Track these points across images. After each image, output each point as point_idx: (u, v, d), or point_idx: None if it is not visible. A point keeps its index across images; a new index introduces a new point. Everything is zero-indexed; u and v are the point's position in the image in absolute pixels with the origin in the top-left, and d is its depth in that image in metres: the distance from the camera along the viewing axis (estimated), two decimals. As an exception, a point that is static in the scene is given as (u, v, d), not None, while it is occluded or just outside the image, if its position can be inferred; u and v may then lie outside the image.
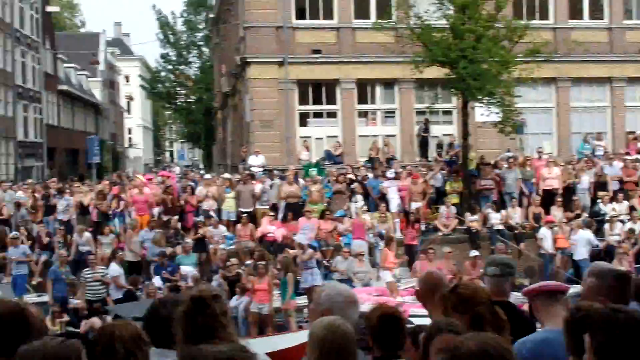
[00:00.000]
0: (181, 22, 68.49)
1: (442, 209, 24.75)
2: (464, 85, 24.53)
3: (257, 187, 24.73)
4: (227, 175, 28.82)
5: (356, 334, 4.05)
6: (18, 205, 24.52)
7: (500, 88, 24.59)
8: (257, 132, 31.58)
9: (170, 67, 70.06)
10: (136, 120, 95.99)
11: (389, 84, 32.58)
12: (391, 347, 4.58)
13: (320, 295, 4.70)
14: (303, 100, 32.35)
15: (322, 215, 23.03)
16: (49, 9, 57.94)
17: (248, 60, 31.79)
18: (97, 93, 71.30)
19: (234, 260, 20.21)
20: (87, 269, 19.63)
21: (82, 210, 24.49)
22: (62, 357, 2.96)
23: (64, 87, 58.57)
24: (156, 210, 24.52)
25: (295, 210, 23.78)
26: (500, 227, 23.92)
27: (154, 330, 4.24)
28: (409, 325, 4.95)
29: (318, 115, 32.87)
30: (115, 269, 20.04)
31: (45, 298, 18.94)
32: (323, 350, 3.83)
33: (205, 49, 69.09)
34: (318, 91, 32.54)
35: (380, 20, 26.87)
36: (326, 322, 3.99)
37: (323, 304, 4.56)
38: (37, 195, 25.63)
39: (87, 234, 22.55)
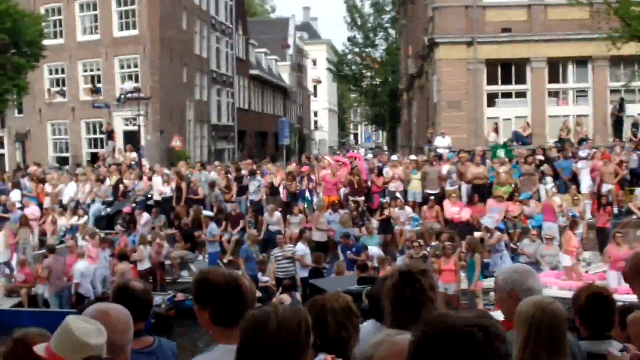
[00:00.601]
0: (368, 5, 68.95)
1: (638, 191, 23.60)
2: (665, 62, 23.29)
3: (444, 169, 24.49)
4: (413, 156, 28.77)
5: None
6: (212, 185, 25.53)
7: None
8: (444, 113, 31.36)
9: (356, 50, 70.65)
10: (322, 103, 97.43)
11: (581, 62, 31.43)
12: (600, 327, 4.41)
13: (498, 282, 4.62)
14: (491, 80, 31.80)
15: (510, 197, 22.56)
16: (242, -5, 59.82)
17: (436, 40, 31.59)
18: (286, 77, 72.89)
19: (420, 242, 20.17)
20: (276, 248, 20.17)
21: (273, 190, 25.14)
22: (293, 321, 3.02)
23: (255, 72, 60.19)
24: (343, 191, 24.80)
25: (481, 192, 23.38)
26: (703, 210, 22.56)
27: (374, 304, 4.31)
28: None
29: (506, 95, 32.23)
30: (301, 248, 20.44)
31: (239, 275, 19.54)
32: (532, 328, 3.74)
33: (391, 31, 69.15)
34: (507, 71, 31.86)
35: (574, -4, 25.90)
36: (534, 300, 3.90)
37: (504, 288, 4.47)
38: (229, 176, 26.57)
39: (278, 214, 23.14)
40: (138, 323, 4.11)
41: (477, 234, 19.97)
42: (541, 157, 25.57)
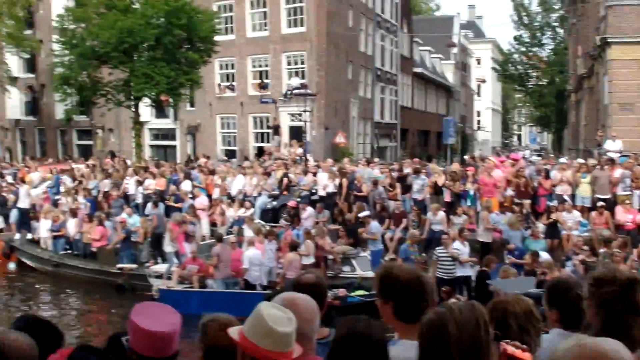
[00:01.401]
0: (536, 3, 67.27)
1: None
2: None
3: (616, 173, 23.55)
4: (581, 159, 27.90)
5: None
6: (375, 183, 25.64)
7: None
8: (616, 115, 30.29)
9: (522, 49, 69.12)
10: (486, 103, 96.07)
11: None
12: None
13: None
14: (668, 83, 30.40)
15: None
16: (408, -7, 59.79)
17: (609, 40, 30.51)
18: (450, 76, 72.29)
19: (587, 248, 19.52)
20: (440, 247, 20.01)
21: (436, 190, 24.99)
22: (471, 320, 3.01)
23: (419, 70, 60.12)
24: (508, 192, 24.32)
25: (656, 198, 22.40)
26: None
27: (563, 310, 4.22)
28: None
29: (685, 98, 30.72)
30: (459, 246, 20.18)
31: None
32: None
33: (559, 30, 67.24)
34: (686, 73, 30.38)
35: None
36: None
37: None
38: (393, 174, 26.61)
39: (441, 213, 22.94)
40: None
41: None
42: None
